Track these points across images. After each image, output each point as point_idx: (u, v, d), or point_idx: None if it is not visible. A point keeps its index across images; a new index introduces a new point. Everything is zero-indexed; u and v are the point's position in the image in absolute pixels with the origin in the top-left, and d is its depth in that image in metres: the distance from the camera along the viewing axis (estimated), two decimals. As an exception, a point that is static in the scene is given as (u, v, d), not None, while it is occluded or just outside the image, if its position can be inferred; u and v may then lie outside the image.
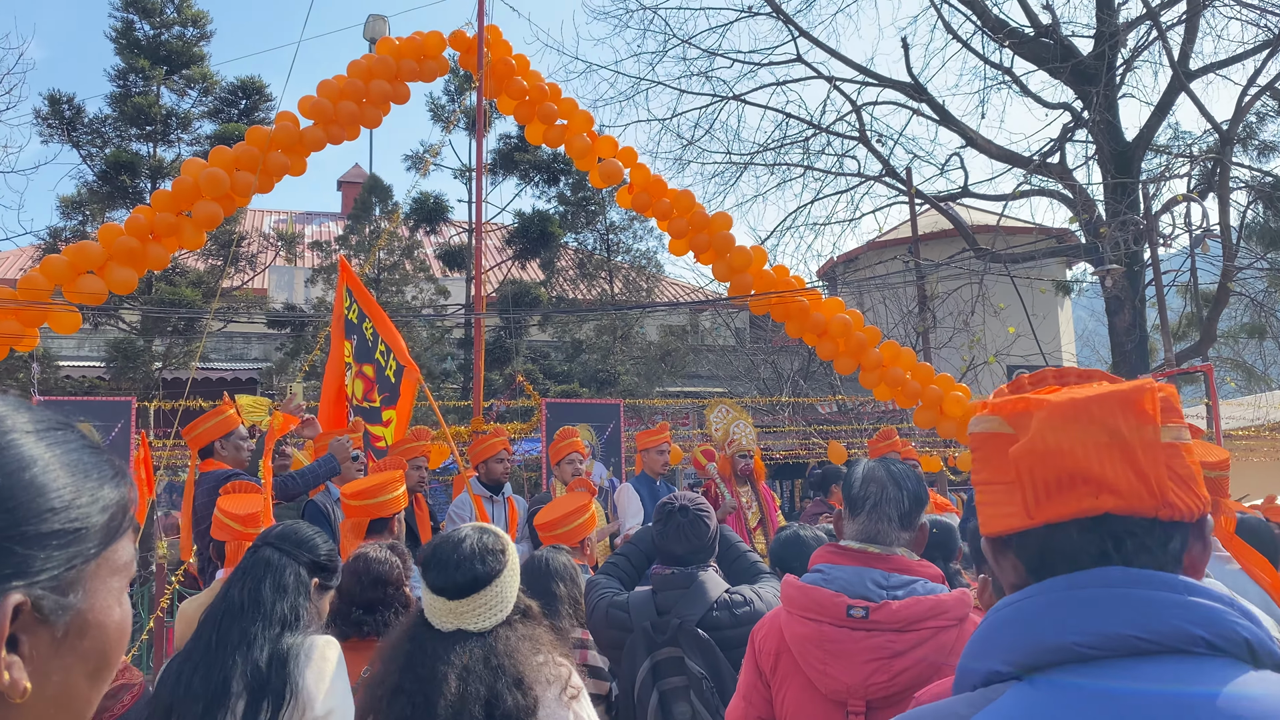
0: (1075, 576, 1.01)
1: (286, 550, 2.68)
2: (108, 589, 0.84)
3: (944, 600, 2.27)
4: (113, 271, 8.01)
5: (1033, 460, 1.02)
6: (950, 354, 17.68)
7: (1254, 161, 17.24)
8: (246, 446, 5.46)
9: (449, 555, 2.48)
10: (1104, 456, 1.00)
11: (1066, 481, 1.01)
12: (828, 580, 2.35)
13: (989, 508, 1.10)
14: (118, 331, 16.63)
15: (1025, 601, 1.03)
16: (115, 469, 0.89)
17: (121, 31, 17.39)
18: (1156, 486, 1.00)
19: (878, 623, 2.25)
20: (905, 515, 2.42)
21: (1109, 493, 1.00)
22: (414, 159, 20.03)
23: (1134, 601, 0.97)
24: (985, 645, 1.04)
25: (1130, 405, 1.02)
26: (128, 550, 0.88)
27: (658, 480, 7.20)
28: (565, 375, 18.64)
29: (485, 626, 2.44)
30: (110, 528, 0.84)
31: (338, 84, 8.75)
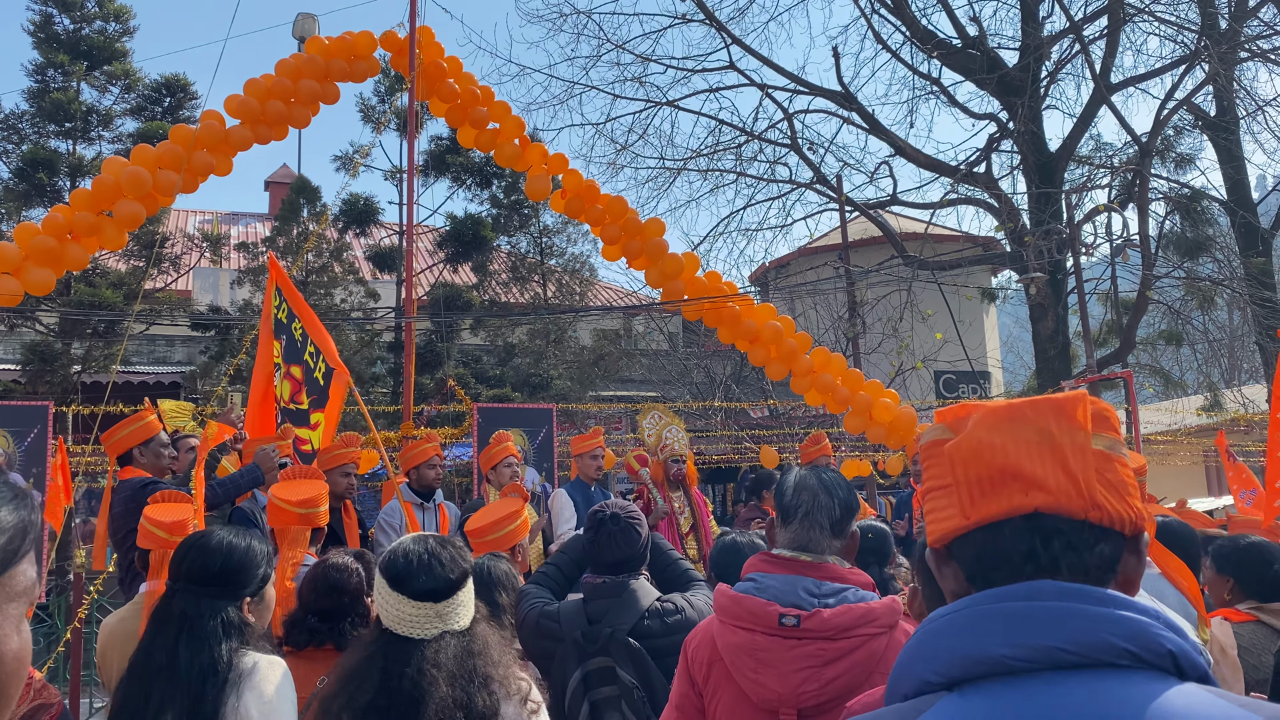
0: (1006, 589, 1.02)
1: (205, 594, 2.55)
2: (4, 616, 0.80)
3: (874, 608, 2.28)
4: (29, 272, 7.78)
5: (966, 456, 1.06)
6: (879, 359, 17.92)
7: (1172, 173, 17.74)
8: (167, 454, 5.32)
9: (426, 560, 2.45)
10: (1034, 454, 1.04)
11: (999, 477, 1.05)
12: (760, 589, 2.35)
13: (932, 515, 1.12)
14: (34, 334, 16.15)
15: (957, 614, 1.04)
16: (14, 491, 0.84)
17: (40, 25, 16.92)
18: (1085, 488, 1.03)
19: (809, 631, 2.25)
20: (837, 523, 2.42)
21: (1038, 489, 1.03)
22: (344, 160, 19.77)
23: (1061, 615, 0.98)
24: (917, 656, 1.05)
25: (1063, 411, 1.06)
26: (28, 574, 0.83)
27: (592, 486, 7.17)
28: (497, 380, 18.52)
29: (466, 623, 2.47)
30: (7, 552, 0.80)
31: (265, 83, 8.60)
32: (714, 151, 18.87)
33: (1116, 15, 15.53)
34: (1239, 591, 3.56)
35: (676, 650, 2.55)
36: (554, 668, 3.10)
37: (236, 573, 2.61)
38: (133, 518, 4.84)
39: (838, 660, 2.23)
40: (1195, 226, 16.57)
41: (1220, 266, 17.28)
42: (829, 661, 2.24)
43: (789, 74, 18.16)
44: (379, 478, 10.55)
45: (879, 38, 17.63)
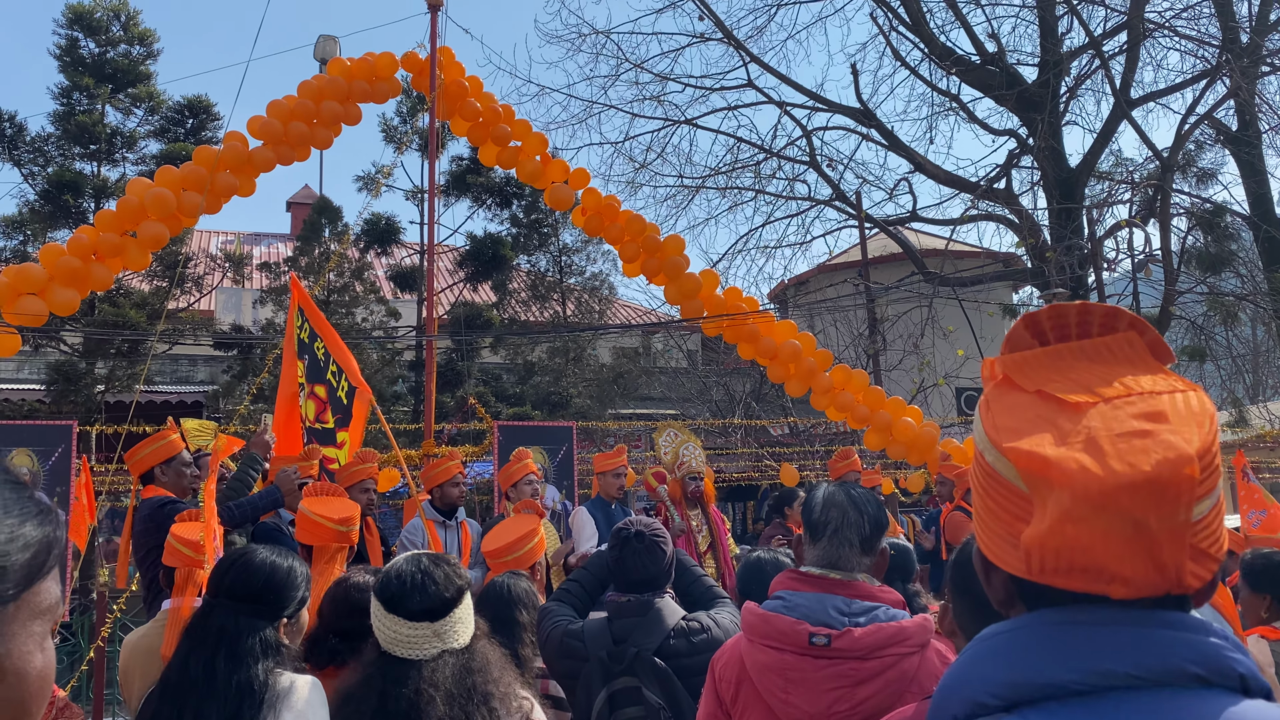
0: (1070, 610, 0.97)
1: (244, 611, 2.53)
2: (28, 633, 0.79)
3: (906, 627, 2.25)
4: (54, 293, 7.84)
5: (1045, 552, 0.95)
6: (900, 376, 17.84)
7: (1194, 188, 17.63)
8: (189, 473, 5.33)
9: (421, 580, 2.45)
10: (1124, 552, 0.92)
11: (1078, 570, 0.95)
12: (789, 608, 2.32)
13: (989, 538, 1.04)
14: (59, 354, 16.29)
15: (1015, 633, 0.99)
16: (39, 507, 0.83)
17: (66, 49, 17.14)
18: (1174, 573, 0.93)
19: (840, 650, 2.23)
20: (866, 540, 2.39)
21: (1121, 584, 0.94)
22: (366, 180, 19.91)
23: (1129, 639, 0.94)
24: (970, 676, 1.00)
25: (1165, 494, 0.92)
26: (52, 592, 0.82)
27: (613, 504, 7.16)
28: (517, 398, 18.55)
29: (465, 641, 2.46)
30: (32, 568, 0.79)
31: (288, 104, 8.66)
32: (733, 169, 18.90)
33: (1136, 31, 15.49)
34: (1276, 608, 3.50)
35: (703, 670, 2.53)
36: (579, 687, 3.08)
37: (278, 592, 2.60)
38: (151, 536, 4.86)
39: (869, 680, 2.21)
40: (1218, 241, 16.44)
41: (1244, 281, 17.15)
42: (860, 681, 2.21)
43: (807, 91, 18.19)
44: (400, 496, 10.57)
45: (897, 55, 17.64)
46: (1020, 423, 1.01)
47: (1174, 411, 0.98)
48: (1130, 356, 1.06)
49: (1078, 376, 1.04)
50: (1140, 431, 0.96)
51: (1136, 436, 0.95)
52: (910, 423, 9.17)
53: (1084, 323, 1.08)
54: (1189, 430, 0.96)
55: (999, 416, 1.04)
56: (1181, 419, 0.97)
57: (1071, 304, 1.09)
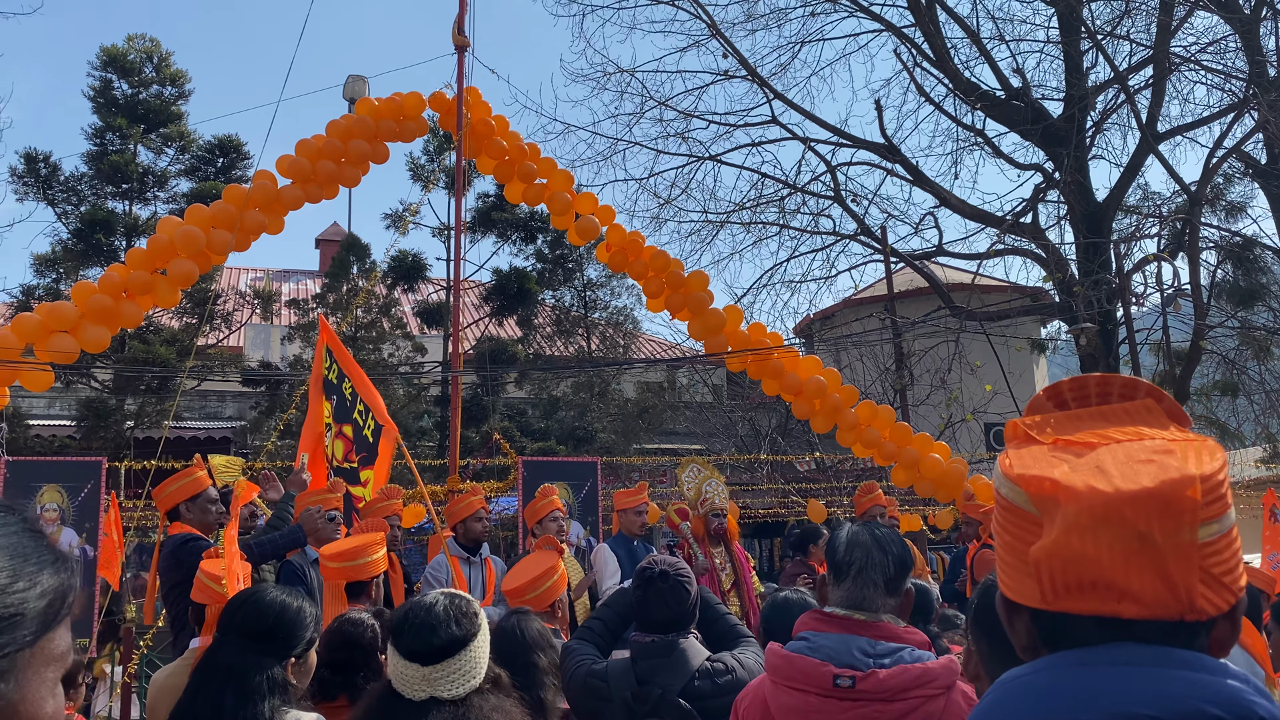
0: (1087, 652, 0.98)
1: (252, 649, 2.54)
2: (41, 679, 0.79)
3: (931, 669, 2.22)
4: (86, 330, 7.94)
5: (1054, 564, 0.97)
6: (928, 411, 17.72)
7: (1223, 222, 17.50)
8: (215, 509, 5.34)
9: (422, 619, 2.41)
10: (1131, 566, 0.94)
11: (1088, 586, 0.96)
12: (813, 649, 2.30)
13: (1006, 574, 1.06)
14: (89, 390, 16.46)
15: (1035, 675, 0.99)
16: (55, 555, 0.84)
17: (99, 90, 17.46)
18: (1185, 594, 0.94)
19: (864, 692, 2.20)
20: (891, 581, 2.36)
21: (1132, 601, 0.95)
22: (393, 217, 20.10)
23: (1149, 680, 0.93)
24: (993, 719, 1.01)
25: (1168, 509, 0.95)
26: (65, 639, 0.83)
27: (635, 541, 7.12)
28: (542, 433, 18.56)
29: (459, 694, 2.37)
30: (48, 615, 0.80)
31: (317, 143, 8.77)
32: (757, 204, 18.91)
33: (1161, 65, 15.45)
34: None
35: (728, 711, 2.50)
36: (603, 728, 3.05)
37: (287, 631, 2.60)
38: (173, 573, 4.88)
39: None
40: (1248, 275, 16.30)
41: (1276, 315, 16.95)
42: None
43: (831, 127, 18.24)
44: (425, 532, 10.57)
45: (921, 90, 17.66)
46: (1035, 462, 1.05)
47: (1183, 450, 1.01)
48: (1147, 419, 1.09)
49: (1095, 429, 1.08)
50: (1147, 460, 1.00)
51: (1143, 464, 0.99)
52: (938, 459, 9.10)
53: (1103, 392, 1.13)
54: (1195, 460, 0.99)
55: (1015, 460, 1.07)
56: (1189, 454, 1.00)
57: (1091, 375, 1.15)
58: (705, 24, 17.79)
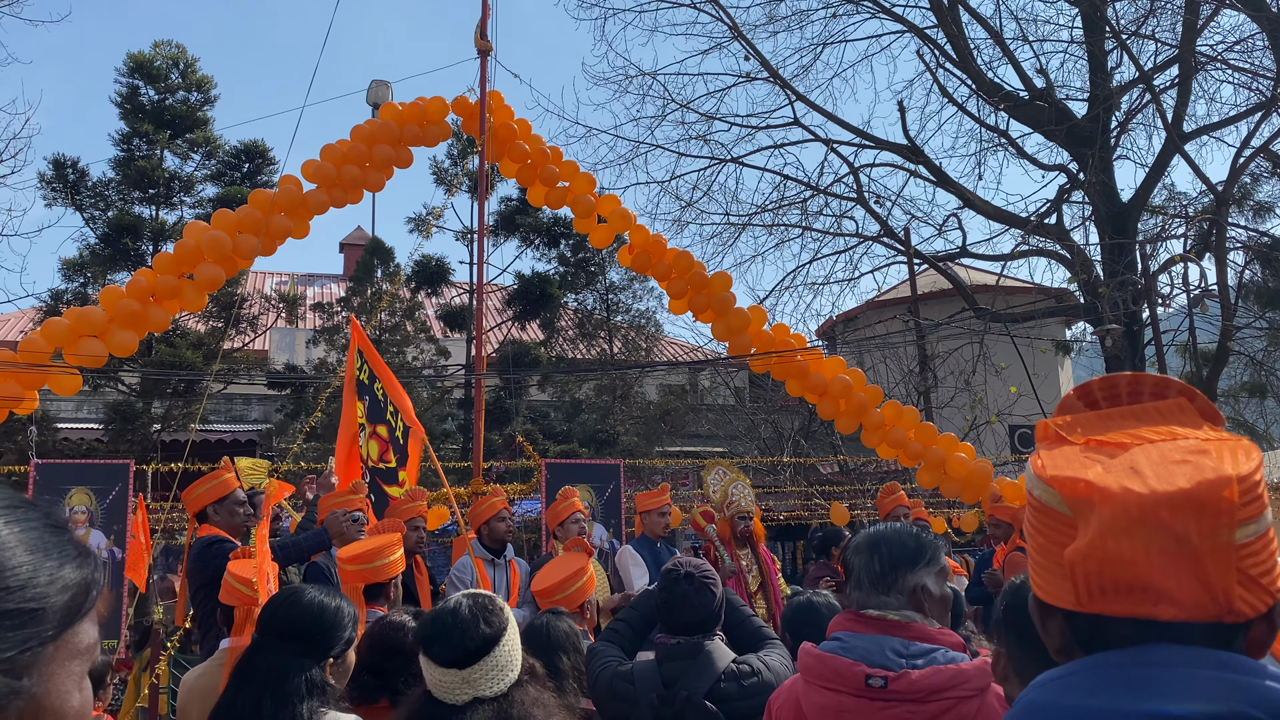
0: (1123, 653, 0.97)
1: (291, 650, 2.54)
2: (67, 673, 0.80)
3: (965, 670, 2.20)
4: (114, 335, 8.01)
5: (1089, 566, 0.96)
6: (952, 413, 17.64)
7: (1250, 222, 17.35)
8: (243, 512, 5.38)
9: (451, 625, 2.43)
10: (1168, 568, 0.93)
11: (1124, 588, 0.95)
12: (846, 649, 2.30)
13: (1039, 576, 1.05)
14: (117, 393, 16.61)
15: (1071, 677, 0.99)
16: (78, 550, 0.85)
17: (126, 96, 17.62)
18: (1223, 596, 0.93)
19: (897, 693, 2.19)
20: (879, 578, 2.35)
21: (1168, 603, 0.94)
22: (416, 221, 20.20)
23: (1187, 681, 0.93)
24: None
25: (1204, 510, 0.93)
26: (90, 633, 0.84)
27: (658, 542, 7.12)
28: (564, 435, 18.59)
29: (500, 689, 2.41)
30: (71, 609, 0.81)
31: (341, 148, 8.82)
32: (779, 206, 18.90)
33: (1187, 64, 15.33)
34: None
35: (753, 713, 2.51)
36: (629, 730, 3.06)
37: (325, 632, 2.60)
38: (200, 575, 4.92)
39: None
40: (1276, 275, 16.14)
41: (1305, 315, 16.79)
42: None
43: (854, 128, 18.20)
44: (448, 534, 10.60)
45: (945, 91, 17.60)
46: (1067, 463, 1.03)
47: (1217, 450, 1.00)
48: (1180, 418, 1.08)
49: (1126, 429, 1.07)
50: (1182, 460, 0.98)
51: (1178, 464, 0.98)
52: (963, 458, 9.06)
53: (1135, 391, 1.12)
54: (1231, 461, 0.97)
55: (1047, 461, 1.06)
56: (1224, 455, 0.99)
57: (1123, 374, 1.13)
58: (727, 26, 17.80)
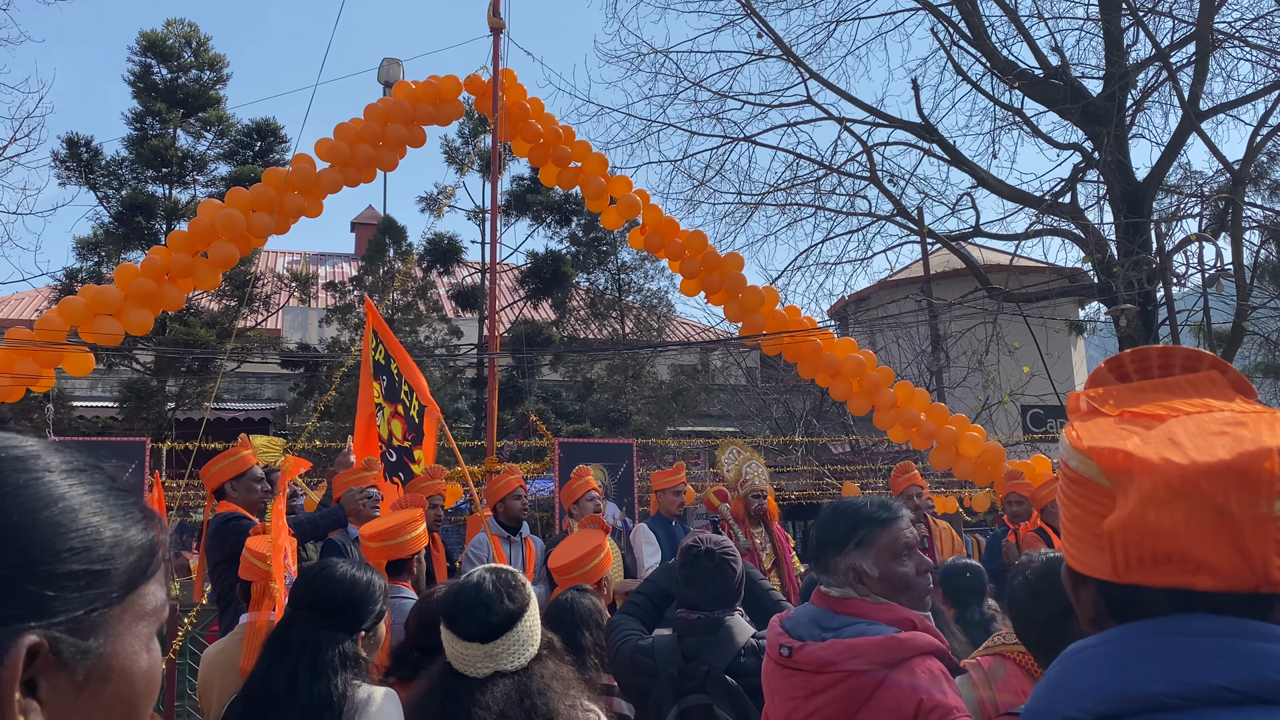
0: (1158, 623, 0.97)
1: (324, 624, 2.57)
2: (134, 634, 0.81)
3: (859, 644, 2.21)
4: (130, 313, 8.05)
5: (1129, 537, 0.97)
6: (964, 394, 17.62)
7: (1266, 201, 17.22)
8: (260, 488, 5.41)
9: (475, 599, 2.47)
10: (1208, 539, 0.93)
11: (1163, 559, 0.96)
12: (789, 619, 2.41)
13: (1074, 547, 1.05)
14: (132, 372, 16.69)
15: (1104, 647, 0.99)
16: (144, 512, 0.86)
17: (139, 75, 17.63)
18: (1261, 566, 0.94)
19: (797, 663, 2.27)
20: (815, 559, 2.43)
21: (1207, 573, 0.94)
22: (428, 200, 20.20)
23: (1220, 650, 0.93)
24: (1059, 690, 1.01)
25: (1245, 481, 0.93)
26: (157, 595, 0.85)
27: (673, 521, 7.15)
28: (577, 415, 18.63)
29: (520, 664, 2.45)
30: (136, 571, 0.82)
31: (355, 127, 8.82)
32: (792, 185, 18.82)
33: (1205, 41, 15.19)
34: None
35: None
36: (649, 704, 3.09)
37: (357, 606, 2.63)
38: (216, 552, 4.97)
39: (819, 694, 2.22)
40: (1293, 255, 16.05)
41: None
42: (812, 694, 2.23)
43: (867, 107, 18.09)
44: (461, 512, 10.65)
45: (959, 69, 17.48)
46: (1104, 434, 1.04)
47: (1255, 422, 1.00)
48: (1213, 390, 1.08)
49: (1160, 401, 1.07)
50: (1220, 432, 0.99)
51: (1216, 436, 0.98)
52: (976, 437, 9.05)
53: (1166, 364, 1.12)
54: (1270, 433, 0.98)
55: (1082, 432, 1.06)
56: (1262, 427, 0.99)
57: (1154, 347, 1.13)
58: (739, 3, 17.69)
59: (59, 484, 0.80)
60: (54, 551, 0.76)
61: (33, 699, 0.73)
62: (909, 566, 2.37)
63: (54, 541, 0.76)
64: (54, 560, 0.75)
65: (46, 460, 0.81)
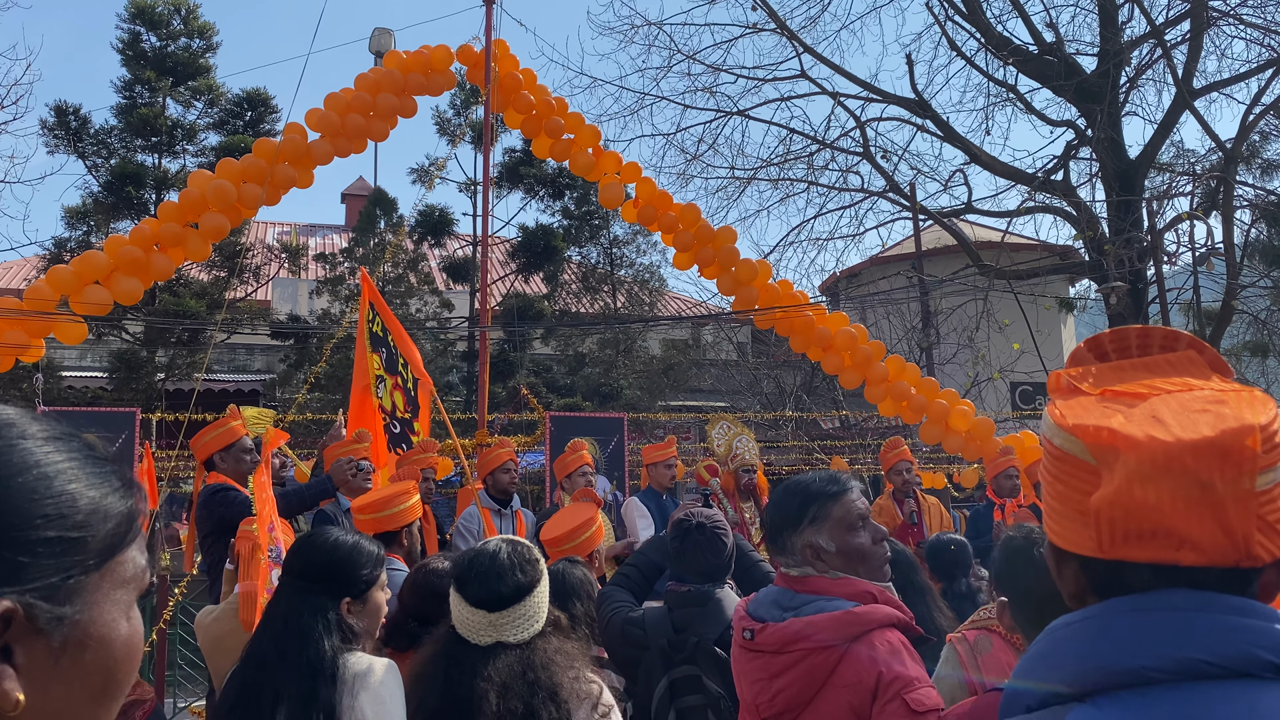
0: (1140, 598, 0.98)
1: (309, 590, 2.57)
2: (112, 601, 0.81)
3: (816, 622, 2.21)
4: (118, 282, 8.02)
5: (1115, 513, 0.98)
6: (954, 370, 17.66)
7: (1258, 180, 17.24)
8: (250, 459, 5.41)
9: (488, 567, 2.48)
10: (1192, 513, 0.95)
11: (1148, 534, 0.97)
12: (753, 601, 2.41)
13: (1057, 524, 1.06)
14: (121, 342, 16.63)
15: (1087, 622, 1.00)
16: (122, 479, 0.85)
17: (128, 43, 17.47)
18: (1243, 540, 0.95)
19: (759, 645, 2.27)
20: (772, 540, 2.42)
21: (1191, 548, 0.96)
22: (420, 172, 20.09)
23: (1202, 625, 0.95)
24: (1042, 664, 1.02)
25: (1228, 457, 0.95)
26: (136, 562, 0.84)
27: (664, 494, 7.18)
28: (568, 389, 18.64)
29: (524, 638, 2.46)
30: (114, 538, 0.81)
31: (345, 97, 8.77)
32: (784, 160, 18.74)
33: (1200, 19, 15.15)
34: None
35: None
36: (639, 674, 3.11)
37: (337, 571, 2.62)
38: (206, 523, 4.98)
39: (782, 674, 2.22)
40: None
41: (1310, 275, 16.74)
42: (775, 675, 2.23)
43: (861, 82, 18.00)
44: (452, 485, 10.67)
45: (953, 45, 17.40)
46: (1087, 412, 1.05)
47: (1235, 400, 1.02)
48: (1191, 370, 1.10)
49: (1140, 380, 1.08)
50: (1202, 410, 1.00)
51: (1199, 413, 1.00)
52: (965, 413, 9.08)
53: (1144, 344, 1.14)
54: (1250, 410, 1.00)
55: (1066, 410, 1.07)
56: (1242, 404, 1.01)
57: (1132, 327, 1.15)
58: (734, -25, 17.56)
59: (34, 450, 0.79)
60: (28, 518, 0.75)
61: (8, 664, 0.73)
62: (864, 537, 2.35)
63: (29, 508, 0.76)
64: (28, 527, 0.75)
65: (22, 427, 0.81)
